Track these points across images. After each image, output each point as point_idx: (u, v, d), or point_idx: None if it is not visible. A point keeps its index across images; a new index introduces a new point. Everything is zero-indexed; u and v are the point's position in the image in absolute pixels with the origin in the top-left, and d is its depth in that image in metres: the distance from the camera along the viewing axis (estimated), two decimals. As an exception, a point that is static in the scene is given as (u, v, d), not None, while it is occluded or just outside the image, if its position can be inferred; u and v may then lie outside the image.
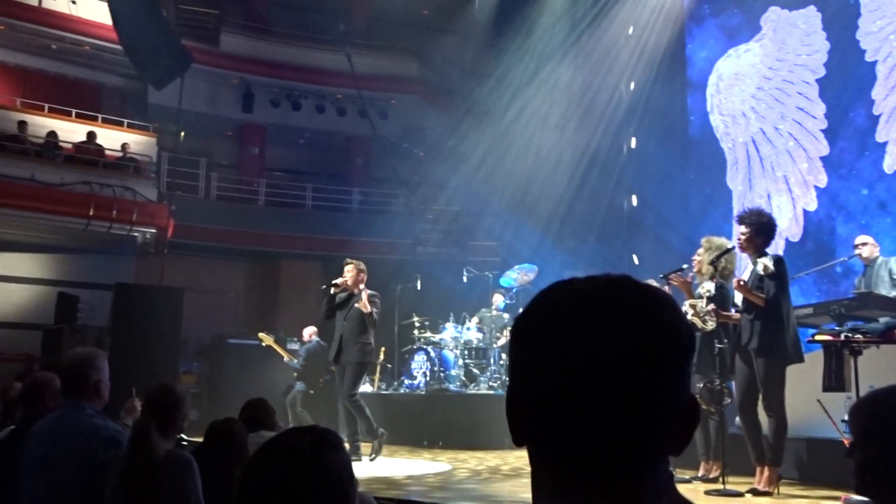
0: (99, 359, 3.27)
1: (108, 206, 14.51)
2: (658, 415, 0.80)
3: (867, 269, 7.01)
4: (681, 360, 0.82)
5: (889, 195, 9.62)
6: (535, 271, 11.71)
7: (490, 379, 10.61)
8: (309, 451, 1.43)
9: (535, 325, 0.85)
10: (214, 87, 19.20)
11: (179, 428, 3.36)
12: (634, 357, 0.79)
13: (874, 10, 10.11)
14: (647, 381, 0.80)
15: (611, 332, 0.80)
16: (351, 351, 8.13)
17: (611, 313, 0.81)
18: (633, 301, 0.82)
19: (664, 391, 0.81)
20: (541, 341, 0.83)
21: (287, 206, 19.36)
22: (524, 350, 0.85)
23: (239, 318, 18.29)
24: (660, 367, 0.81)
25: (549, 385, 0.81)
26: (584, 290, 0.84)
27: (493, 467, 7.80)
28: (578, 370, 0.79)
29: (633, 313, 0.81)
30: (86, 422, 3.08)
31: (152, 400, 3.26)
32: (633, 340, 0.80)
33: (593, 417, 0.79)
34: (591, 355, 0.79)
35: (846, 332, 5.47)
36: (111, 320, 11.99)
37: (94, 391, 3.18)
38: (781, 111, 11.34)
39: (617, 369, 0.79)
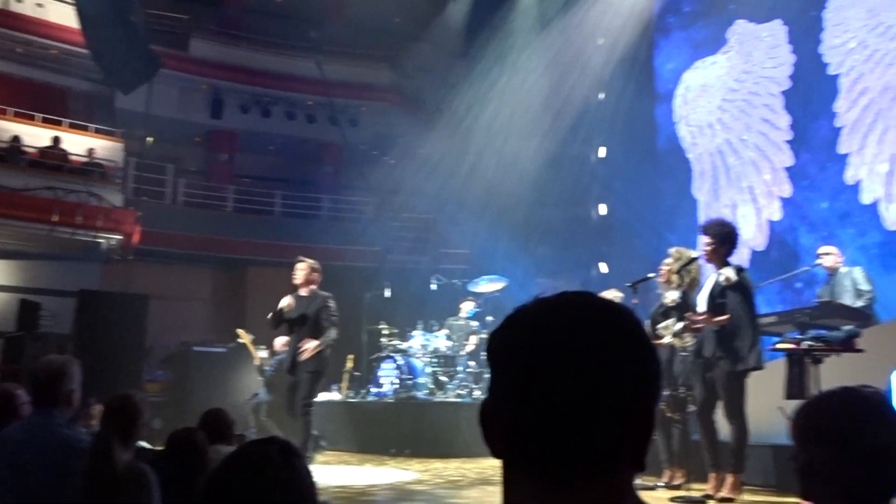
0: (73, 367, 3.22)
1: (73, 212, 14.32)
2: (625, 426, 0.85)
3: (830, 278, 7.11)
4: (637, 369, 0.87)
5: (851, 206, 9.78)
6: (503, 281, 11.73)
7: (458, 387, 10.60)
8: (278, 460, 1.44)
9: (506, 342, 0.90)
10: (184, 92, 19.04)
11: (138, 437, 3.32)
12: (596, 369, 0.84)
13: (837, 25, 10.30)
14: (607, 392, 0.84)
15: (574, 348, 0.85)
16: (309, 358, 7.76)
17: (574, 330, 0.86)
18: (596, 318, 0.88)
19: (624, 400, 0.85)
20: (511, 357, 0.89)
21: (256, 212, 19.25)
22: (497, 366, 0.90)
23: (206, 326, 18.11)
24: (619, 378, 0.85)
25: (524, 399, 0.86)
26: (550, 309, 0.90)
27: (460, 475, 7.79)
28: (545, 385, 0.85)
29: (594, 329, 0.87)
30: (56, 431, 3.04)
31: (111, 410, 3.21)
32: (595, 354, 0.85)
33: (564, 429, 0.84)
34: (563, 371, 0.84)
35: (808, 340, 5.54)
36: (74, 328, 11.83)
37: (66, 400, 3.14)
38: (747, 122, 11.50)
39: (580, 382, 0.84)
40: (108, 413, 3.24)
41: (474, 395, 10.49)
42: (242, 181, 20.35)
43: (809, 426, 1.57)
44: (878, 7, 9.86)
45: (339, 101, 18.97)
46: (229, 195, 19.30)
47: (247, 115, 19.51)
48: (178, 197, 18.85)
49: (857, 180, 9.73)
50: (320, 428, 11.02)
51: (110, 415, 3.20)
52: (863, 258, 8.80)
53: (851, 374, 5.83)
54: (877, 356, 5.97)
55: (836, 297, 6.88)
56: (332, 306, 7.93)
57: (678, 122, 12.63)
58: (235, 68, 19.08)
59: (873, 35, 9.85)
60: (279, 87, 19.49)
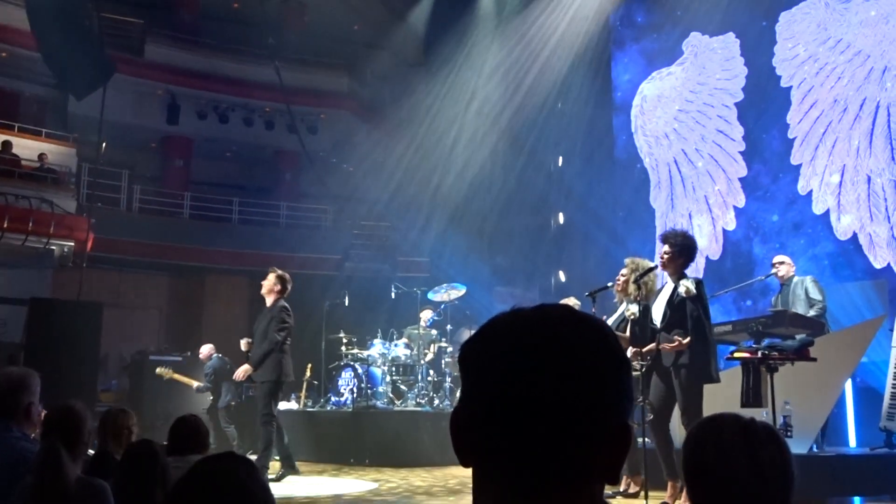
0: (32, 380, 3.15)
1: (24, 219, 14.01)
2: (602, 439, 0.85)
3: (783, 287, 7.27)
4: (615, 383, 0.87)
5: (803, 216, 10.01)
6: (462, 289, 11.75)
7: (418, 395, 10.58)
8: (247, 479, 1.44)
9: (481, 352, 0.90)
10: (139, 97, 18.78)
11: (85, 449, 3.25)
12: (572, 382, 0.85)
13: (789, 38, 10.54)
14: (584, 405, 0.85)
15: (551, 360, 0.85)
16: (262, 368, 7.83)
17: (552, 342, 0.86)
18: (573, 331, 0.88)
19: (600, 414, 0.86)
20: (485, 367, 0.88)
21: (213, 220, 19.03)
22: (470, 376, 0.90)
23: (162, 335, 17.87)
24: (597, 392, 0.86)
25: (493, 409, 0.86)
26: (527, 320, 0.89)
27: (420, 485, 7.77)
28: (520, 396, 0.84)
29: (571, 342, 0.87)
30: (13, 445, 2.96)
31: (52, 421, 3.14)
32: (572, 367, 0.85)
33: (531, 440, 0.84)
34: (532, 381, 0.85)
35: (763, 349, 5.64)
36: (25, 336, 11.56)
37: (25, 414, 3.07)
38: (702, 133, 11.70)
39: (556, 394, 0.84)
40: (48, 424, 3.16)
41: (434, 404, 10.48)
42: (199, 188, 20.12)
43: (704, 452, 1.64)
44: (828, 21, 10.12)
45: (298, 108, 18.86)
46: (185, 202, 19.06)
47: (203, 121, 19.30)
48: (133, 203, 18.57)
49: (809, 191, 9.96)
50: (278, 438, 10.95)
51: (51, 426, 3.13)
52: (814, 268, 9.01)
53: (805, 383, 5.96)
54: (829, 365, 6.11)
55: (789, 305, 7.03)
56: (284, 317, 7.96)
57: (635, 131, 12.80)
58: (192, 73, 18.87)
59: (824, 48, 10.11)
60: (237, 94, 19.32)
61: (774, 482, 1.56)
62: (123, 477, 3.01)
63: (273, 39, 18.56)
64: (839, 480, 6.19)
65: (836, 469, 6.39)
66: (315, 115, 20.01)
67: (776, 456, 1.58)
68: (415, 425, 9.90)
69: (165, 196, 19.12)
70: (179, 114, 18.93)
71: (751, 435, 1.60)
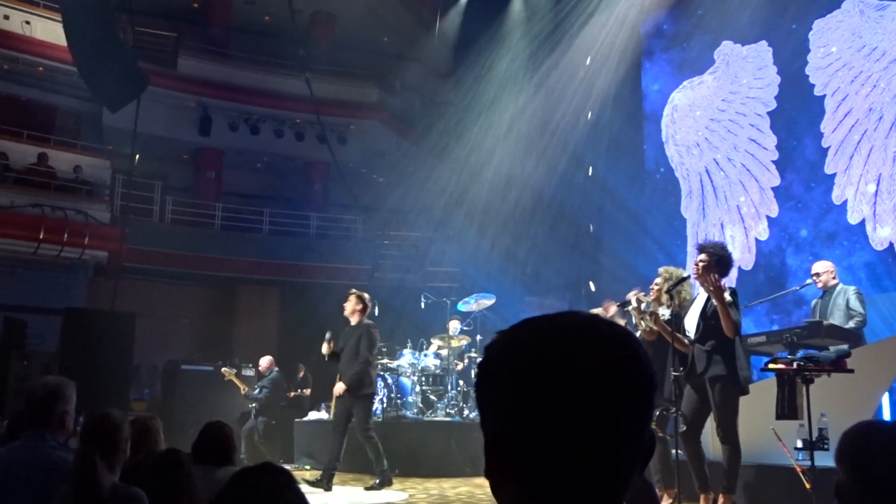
0: (68, 389, 3.17)
1: (60, 229, 14.23)
2: (624, 452, 0.83)
3: (825, 294, 7.13)
4: (644, 399, 0.85)
5: (837, 226, 9.86)
6: (492, 299, 11.72)
7: (447, 406, 10.55)
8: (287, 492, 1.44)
9: (502, 364, 0.86)
10: (171, 110, 19.02)
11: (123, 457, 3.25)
12: (600, 398, 0.82)
13: (822, 47, 10.42)
14: (612, 422, 0.82)
15: (579, 374, 0.82)
16: (357, 384, 8.21)
17: (579, 355, 0.83)
18: (601, 344, 0.84)
19: (630, 430, 0.83)
20: (510, 381, 0.84)
21: (244, 230, 19.19)
22: (492, 389, 0.86)
23: (194, 344, 18.01)
24: (625, 408, 0.83)
25: (519, 424, 0.83)
26: (551, 331, 0.85)
27: (450, 495, 7.74)
28: (548, 411, 0.81)
29: (600, 356, 0.83)
30: (48, 454, 2.99)
31: (89, 429, 3.15)
32: (600, 382, 0.82)
33: (560, 456, 0.81)
34: (560, 396, 0.81)
35: (799, 360, 5.55)
36: (60, 346, 11.72)
37: (59, 422, 3.09)
38: (734, 142, 11.59)
39: (582, 411, 0.81)
40: (85, 432, 3.18)
41: (464, 415, 10.45)
42: (230, 199, 20.31)
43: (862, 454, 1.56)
44: (861, 29, 9.99)
45: (328, 119, 18.98)
46: (217, 213, 19.24)
47: (235, 132, 19.49)
48: (166, 214, 18.79)
49: (844, 200, 9.81)
50: (308, 447, 11.01)
51: (88, 434, 3.14)
52: (851, 279, 8.86)
53: (842, 395, 5.86)
54: (866, 377, 6.00)
55: (828, 314, 6.90)
56: (373, 335, 8.33)
57: (666, 141, 12.72)
58: (223, 86, 19.07)
59: (858, 56, 9.98)
60: (267, 105, 19.49)
61: None
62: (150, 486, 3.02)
63: (303, 51, 18.72)
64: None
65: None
66: (345, 126, 20.13)
67: None
68: (445, 436, 9.88)
69: (198, 207, 19.32)
70: (211, 126, 19.14)
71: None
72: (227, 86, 19.07)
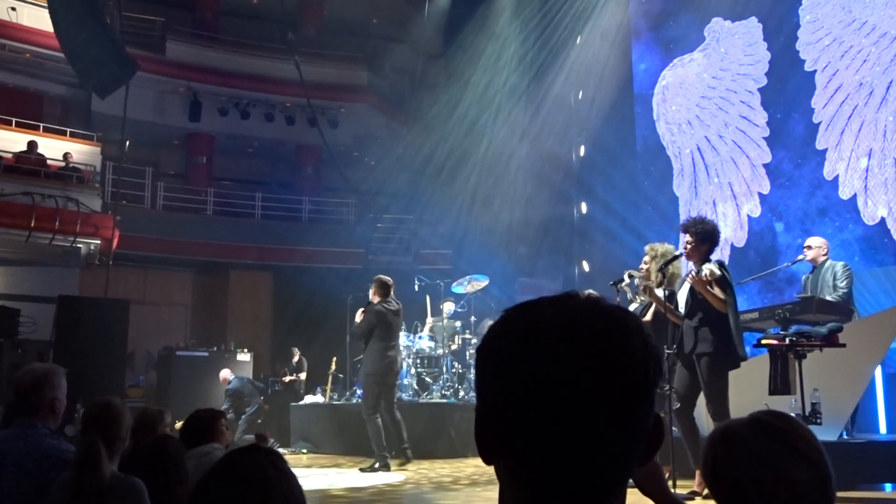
0: (56, 376, 3.17)
1: (51, 218, 14.14)
2: (617, 438, 0.82)
3: (814, 270, 7.15)
4: (649, 384, 0.83)
5: (828, 201, 9.89)
6: (485, 280, 11.74)
7: (443, 387, 10.59)
8: (271, 469, 1.44)
9: (502, 348, 0.85)
10: (161, 95, 18.91)
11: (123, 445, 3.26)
12: (603, 383, 0.80)
13: (813, 21, 10.41)
14: (615, 406, 0.81)
15: (582, 358, 0.81)
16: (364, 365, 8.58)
17: (581, 339, 0.82)
18: (604, 327, 0.83)
19: (633, 414, 0.82)
20: (511, 365, 0.83)
21: (236, 215, 19.14)
22: (492, 373, 0.85)
23: (188, 330, 18.01)
24: (629, 392, 0.81)
25: (521, 409, 0.81)
26: (552, 315, 0.84)
27: (445, 477, 7.79)
28: (549, 395, 0.80)
29: (603, 340, 0.82)
30: (38, 441, 2.98)
31: (91, 417, 3.16)
32: (603, 366, 0.81)
33: (564, 441, 0.80)
34: (562, 380, 0.80)
35: (791, 336, 5.58)
36: (54, 334, 11.69)
37: (49, 409, 3.09)
38: (725, 119, 11.59)
39: (585, 395, 0.80)
40: (88, 420, 3.18)
41: (459, 396, 10.49)
42: (222, 184, 20.24)
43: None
44: (852, 4, 9.98)
45: (318, 103, 18.89)
46: (209, 198, 19.18)
47: (225, 117, 19.40)
48: (158, 201, 18.72)
49: (835, 175, 9.83)
50: (305, 430, 11.05)
51: (90, 422, 3.15)
52: (844, 254, 8.90)
53: (834, 370, 5.90)
54: (858, 351, 6.04)
55: (818, 289, 6.93)
56: (368, 314, 8.40)
57: (657, 119, 12.71)
58: (213, 71, 18.96)
59: (848, 31, 9.97)
60: (257, 89, 19.39)
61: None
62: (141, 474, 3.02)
63: (292, 35, 18.60)
64: (870, 467, 6.12)
65: (866, 456, 6.33)
66: (335, 110, 20.04)
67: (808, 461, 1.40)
68: (440, 417, 9.93)
69: (189, 193, 19.26)
70: (201, 111, 19.03)
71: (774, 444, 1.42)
72: (216, 70, 18.96)
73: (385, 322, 8.33)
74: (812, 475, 1.37)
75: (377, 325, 8.29)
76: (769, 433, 1.42)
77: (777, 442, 1.40)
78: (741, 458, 1.41)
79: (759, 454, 1.39)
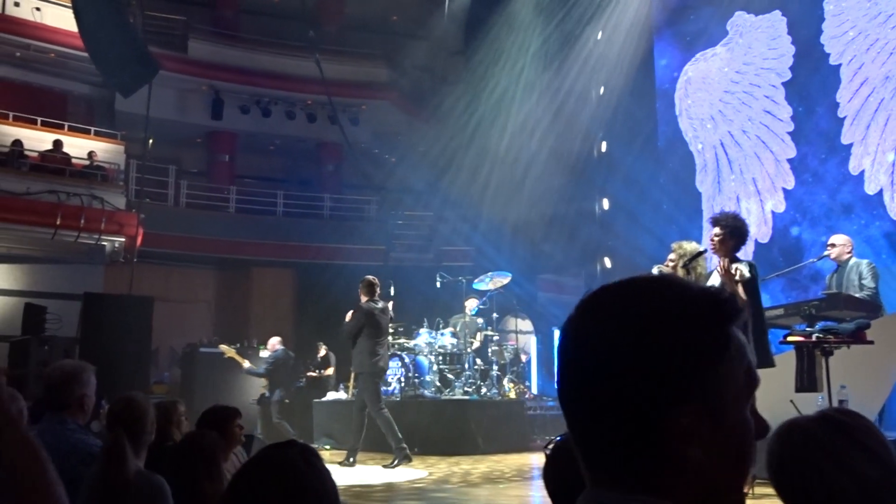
0: (85, 373, 3.21)
1: (76, 216, 14.29)
2: (603, 419, 0.82)
3: (839, 268, 7.06)
4: (612, 370, 0.81)
5: (854, 197, 9.77)
6: (507, 276, 11.73)
7: (465, 384, 10.60)
8: (303, 465, 1.45)
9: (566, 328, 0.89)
10: (183, 94, 19.04)
11: (149, 440, 3.29)
12: (570, 363, 0.85)
13: (838, 15, 10.29)
14: (583, 386, 0.84)
15: (561, 339, 0.87)
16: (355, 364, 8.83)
17: (568, 321, 0.87)
18: (582, 308, 0.86)
19: (599, 398, 0.82)
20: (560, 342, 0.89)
21: (258, 213, 19.24)
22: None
23: (210, 327, 18.14)
24: (589, 375, 0.83)
25: (558, 388, 0.87)
26: (591, 296, 0.88)
27: (468, 473, 7.79)
28: (562, 374, 0.86)
29: (574, 321, 0.86)
30: (67, 436, 3.02)
31: (116, 413, 3.18)
32: (569, 347, 0.85)
33: (573, 420, 0.85)
34: (569, 362, 0.85)
35: (818, 332, 5.53)
36: (80, 330, 11.81)
37: (78, 405, 3.12)
38: (748, 114, 11.49)
39: (560, 375, 0.86)
40: (113, 416, 3.21)
41: (481, 393, 10.49)
42: (244, 182, 20.36)
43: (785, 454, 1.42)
44: (877, -4, 9.86)
45: (339, 100, 18.94)
46: (231, 196, 19.30)
47: (247, 115, 19.51)
48: (181, 199, 18.86)
49: (861, 170, 9.72)
50: (328, 427, 11.09)
51: (115, 418, 3.18)
52: (870, 250, 8.78)
53: (861, 366, 5.84)
54: (886, 347, 5.97)
55: (843, 289, 6.84)
56: (357, 315, 8.73)
57: (679, 114, 12.62)
58: (234, 69, 19.06)
59: (874, 24, 9.85)
60: (278, 87, 19.46)
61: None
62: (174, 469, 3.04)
63: (313, 32, 18.65)
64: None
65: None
66: (356, 107, 20.08)
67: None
68: (462, 414, 9.93)
69: (211, 190, 19.38)
70: (223, 109, 19.14)
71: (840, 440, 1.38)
72: (237, 69, 19.06)
73: (374, 320, 8.59)
74: (880, 471, 1.35)
75: (366, 324, 8.56)
76: (836, 428, 1.39)
77: (845, 437, 1.38)
78: (808, 453, 1.38)
79: (827, 449, 1.37)
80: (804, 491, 1.38)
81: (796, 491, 1.39)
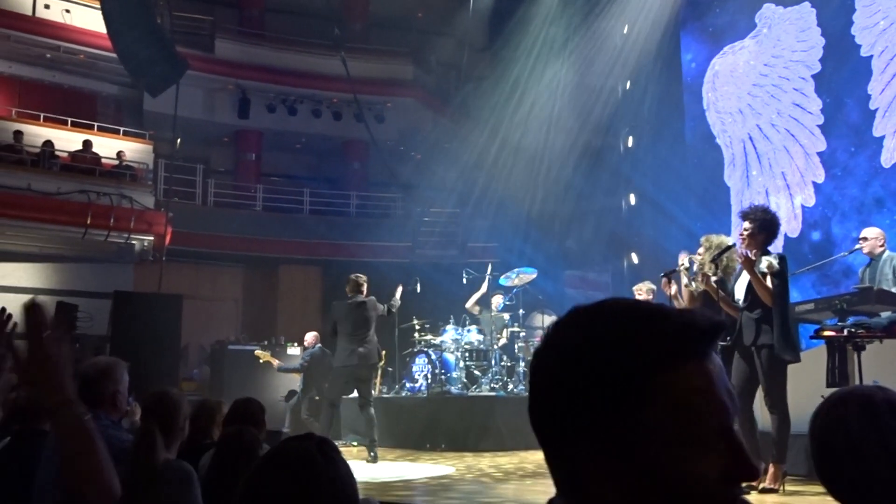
0: (119, 369, 3.24)
1: (106, 215, 14.47)
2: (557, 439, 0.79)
3: (872, 262, 6.94)
4: (554, 400, 0.79)
5: (886, 191, 9.62)
6: (533, 273, 11.69)
7: (491, 381, 10.59)
8: (318, 456, 1.44)
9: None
10: (210, 93, 19.19)
11: (182, 435, 3.32)
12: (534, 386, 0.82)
13: (868, 5, 10.13)
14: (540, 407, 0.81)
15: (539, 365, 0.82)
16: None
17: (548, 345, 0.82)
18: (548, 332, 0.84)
19: (550, 418, 0.80)
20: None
21: (284, 211, 19.34)
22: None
23: (238, 324, 18.27)
24: (542, 397, 0.81)
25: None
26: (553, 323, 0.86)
27: (496, 469, 7.78)
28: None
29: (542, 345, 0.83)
30: (102, 432, 3.05)
31: (149, 407, 3.22)
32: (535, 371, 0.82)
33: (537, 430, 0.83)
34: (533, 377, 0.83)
35: (849, 327, 5.45)
36: (110, 328, 11.97)
37: (111, 401, 3.16)
38: (777, 107, 11.35)
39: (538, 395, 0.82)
40: (147, 410, 3.25)
41: (508, 389, 10.47)
42: (270, 180, 20.48)
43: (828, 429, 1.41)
44: (909, -14, 9.69)
45: (365, 98, 18.97)
46: (258, 194, 19.43)
47: (273, 114, 19.61)
48: (209, 197, 19.01)
49: (893, 163, 9.57)
50: (355, 423, 11.12)
51: (148, 412, 3.22)
52: (902, 244, 8.63)
53: (894, 362, 5.74)
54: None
55: (876, 283, 6.73)
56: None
57: (707, 108, 12.51)
58: (260, 68, 19.17)
59: (906, 14, 9.68)
60: (304, 86, 19.54)
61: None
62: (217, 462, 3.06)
63: (338, 30, 18.70)
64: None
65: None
66: (381, 105, 20.11)
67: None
68: (489, 410, 9.92)
69: (239, 189, 19.52)
70: (249, 108, 19.26)
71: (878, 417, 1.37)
72: (264, 67, 19.16)
73: (341, 316, 8.76)
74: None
75: (337, 320, 8.76)
76: (878, 407, 1.38)
77: (884, 417, 1.36)
78: (845, 429, 1.37)
79: (864, 428, 1.36)
80: (839, 465, 1.36)
81: (832, 465, 1.38)
